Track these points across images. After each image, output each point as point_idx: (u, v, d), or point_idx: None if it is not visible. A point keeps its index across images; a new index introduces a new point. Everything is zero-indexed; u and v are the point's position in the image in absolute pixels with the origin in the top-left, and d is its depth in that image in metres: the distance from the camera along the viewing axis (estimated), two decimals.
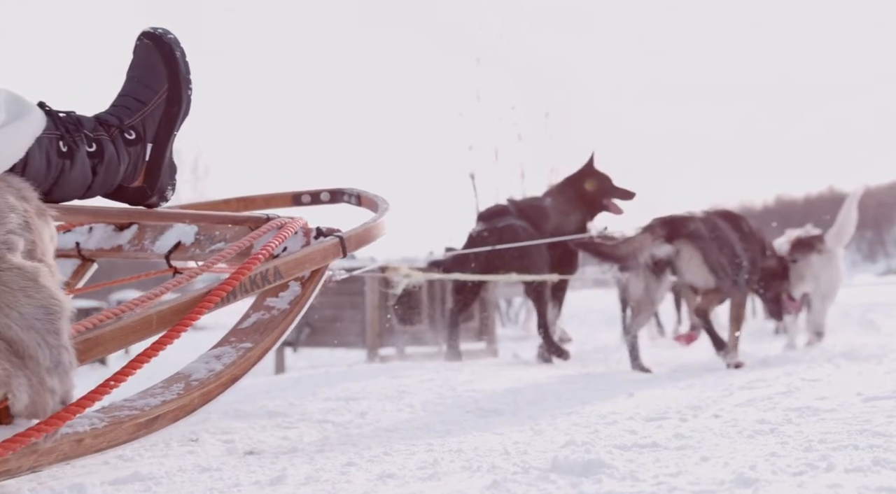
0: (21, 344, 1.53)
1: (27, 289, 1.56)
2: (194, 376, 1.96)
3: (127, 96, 2.10)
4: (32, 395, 1.54)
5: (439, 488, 1.61)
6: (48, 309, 1.56)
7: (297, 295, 2.22)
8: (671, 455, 1.86)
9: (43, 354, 1.54)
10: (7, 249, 1.58)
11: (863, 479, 1.53)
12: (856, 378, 3.44)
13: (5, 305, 1.52)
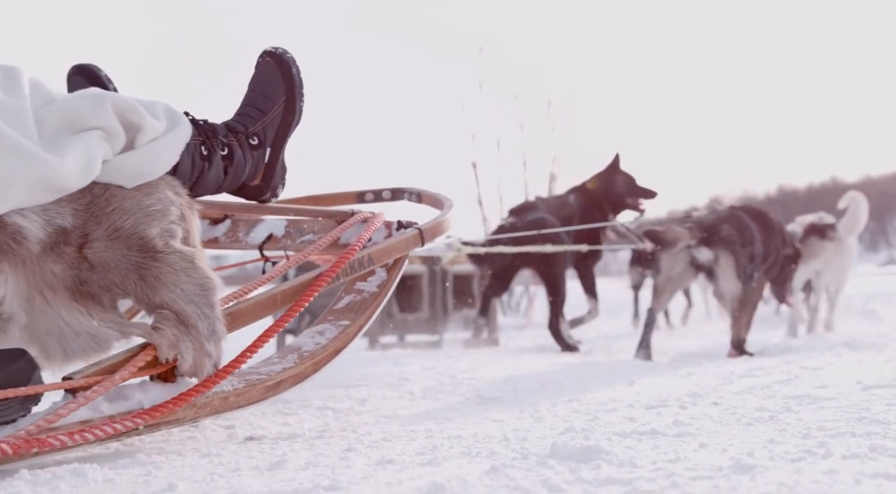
0: (185, 315, 1.92)
1: (187, 270, 1.94)
2: (304, 348, 2.32)
3: (250, 106, 2.40)
4: (195, 357, 1.93)
5: (438, 473, 1.61)
6: (204, 286, 1.95)
7: (383, 280, 2.55)
8: (670, 441, 1.87)
9: (202, 324, 1.93)
10: (170, 237, 1.95)
11: (859, 466, 1.53)
12: (856, 366, 3.45)
13: (170, 283, 1.91)
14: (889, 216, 54.65)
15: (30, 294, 1.83)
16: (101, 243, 1.89)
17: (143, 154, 2.00)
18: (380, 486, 1.52)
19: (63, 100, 1.95)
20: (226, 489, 1.53)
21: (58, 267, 1.84)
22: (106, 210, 1.92)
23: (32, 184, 1.79)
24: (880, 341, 4.76)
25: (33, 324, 1.85)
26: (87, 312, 1.87)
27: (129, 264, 1.90)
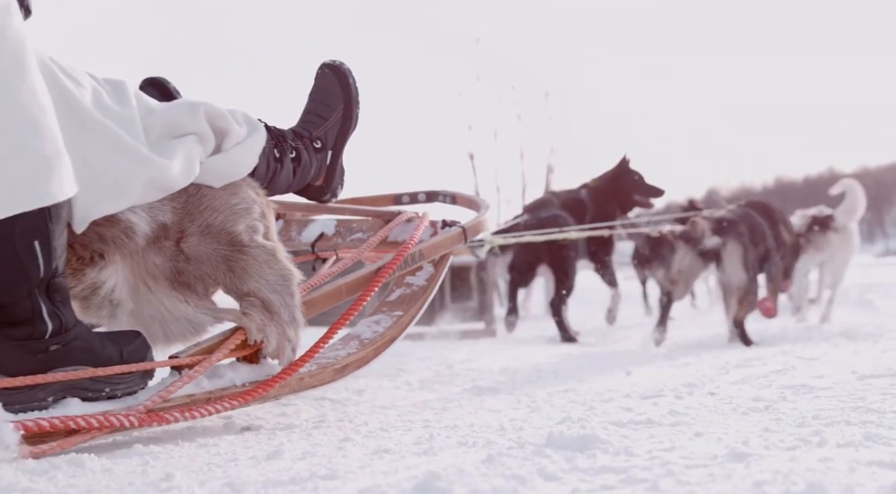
0: (269, 302, 2.14)
1: (269, 262, 2.16)
2: (363, 336, 2.54)
3: (311, 113, 2.58)
4: (278, 341, 2.14)
5: (435, 462, 1.62)
6: (285, 277, 2.17)
7: (431, 274, 2.78)
8: (665, 431, 1.88)
9: (284, 311, 2.15)
10: (254, 232, 2.17)
11: (854, 454, 1.54)
12: (852, 356, 3.46)
13: (255, 274, 2.13)
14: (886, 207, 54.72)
15: (135, 283, 2.08)
16: (195, 238, 2.11)
17: (229, 157, 2.20)
18: (376, 475, 1.52)
19: (162, 109, 2.13)
20: (223, 478, 1.54)
21: (159, 259, 2.08)
22: (199, 208, 2.13)
23: (146, 185, 2.00)
24: (876, 331, 4.78)
25: (138, 310, 2.10)
26: (185, 299, 2.11)
27: (218, 257, 2.13)
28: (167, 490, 1.47)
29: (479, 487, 1.37)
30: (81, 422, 1.79)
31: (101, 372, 1.90)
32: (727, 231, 4.73)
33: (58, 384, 1.86)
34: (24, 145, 1.75)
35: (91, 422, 1.80)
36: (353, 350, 2.47)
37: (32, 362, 1.84)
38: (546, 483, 1.41)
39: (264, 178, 2.35)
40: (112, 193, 1.95)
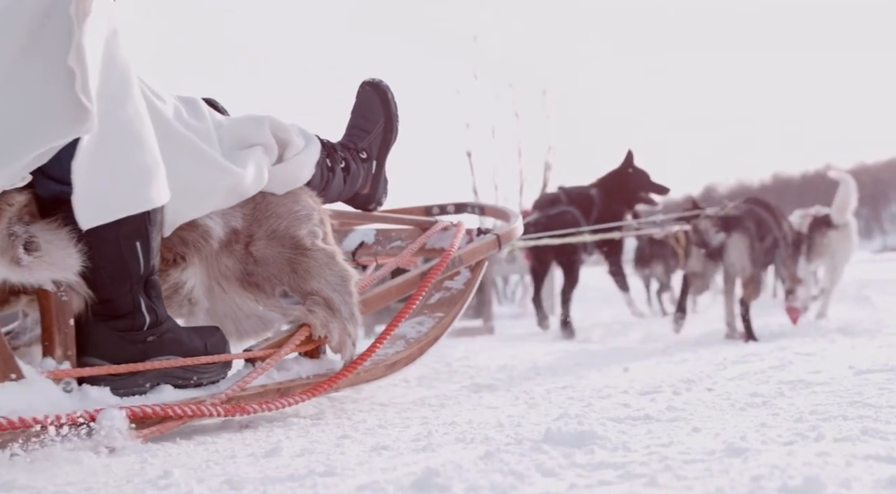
0: (331, 301, 2.32)
1: (329, 264, 2.35)
2: (409, 336, 2.72)
3: (355, 127, 2.76)
4: (340, 336, 2.33)
5: (433, 459, 1.62)
6: (344, 277, 2.36)
7: (468, 278, 2.96)
8: (663, 426, 1.88)
9: (344, 309, 2.34)
10: (315, 237, 2.37)
11: (851, 448, 1.54)
12: (849, 352, 3.46)
13: (317, 275, 2.32)
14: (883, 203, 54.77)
15: (210, 283, 2.26)
16: (263, 242, 2.31)
17: (290, 166, 2.39)
18: (374, 472, 1.53)
19: (231, 122, 2.32)
20: (221, 475, 1.54)
21: (230, 262, 2.27)
22: (265, 214, 2.33)
23: (226, 192, 2.20)
24: (874, 327, 4.78)
25: (213, 308, 2.30)
26: (254, 298, 2.30)
27: (283, 259, 2.32)
28: (165, 487, 1.47)
29: (478, 483, 1.37)
30: (178, 410, 1.95)
31: (190, 362, 2.08)
32: (732, 225, 4.85)
33: (154, 371, 2.03)
34: (129, 157, 1.92)
35: (185, 411, 1.96)
36: (401, 348, 2.66)
37: (133, 351, 2.02)
38: (544, 479, 1.41)
39: (319, 187, 2.53)
40: (196, 200, 2.14)
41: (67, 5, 1.76)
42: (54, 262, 1.87)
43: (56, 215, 1.90)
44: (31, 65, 1.78)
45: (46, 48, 1.78)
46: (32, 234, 1.85)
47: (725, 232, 4.87)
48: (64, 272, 1.90)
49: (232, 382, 2.14)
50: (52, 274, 1.89)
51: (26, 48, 1.78)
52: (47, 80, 1.78)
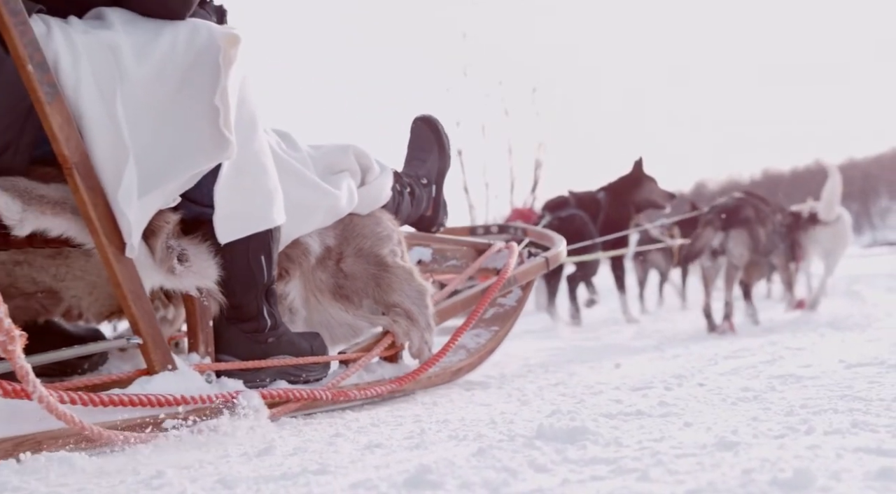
0: (411, 312, 2.66)
1: (408, 279, 2.68)
2: (469, 346, 3.07)
3: (413, 158, 3.09)
4: (419, 344, 2.68)
5: (426, 456, 1.62)
6: (421, 292, 2.69)
7: (519, 296, 3.32)
8: (655, 422, 1.89)
9: (422, 319, 2.68)
10: (395, 255, 2.69)
11: (841, 440, 1.55)
12: (839, 346, 3.48)
13: (398, 289, 2.65)
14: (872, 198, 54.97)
15: (307, 295, 2.58)
16: (351, 259, 2.63)
17: (371, 189, 2.69)
18: (368, 469, 1.53)
19: (321, 150, 2.60)
20: (214, 475, 1.54)
21: (324, 276, 2.59)
22: (353, 234, 2.64)
23: (325, 212, 2.51)
24: (864, 322, 4.80)
25: (310, 317, 2.59)
26: (344, 309, 2.61)
27: (368, 274, 2.64)
28: (159, 487, 1.47)
29: (471, 479, 1.38)
30: (297, 394, 2.24)
31: (302, 361, 2.37)
32: (730, 222, 5.02)
33: (273, 368, 2.32)
34: (257, 183, 2.22)
35: (303, 394, 2.25)
36: (463, 357, 3.00)
37: (257, 350, 2.31)
38: (536, 475, 1.41)
39: (392, 209, 2.83)
40: (303, 219, 2.45)
41: (216, 54, 2.06)
42: (198, 272, 2.17)
43: (197, 232, 2.19)
44: (184, 102, 2.06)
45: (196, 89, 2.06)
46: (184, 248, 2.14)
47: (724, 230, 5.03)
48: (205, 280, 2.19)
49: (331, 380, 2.42)
50: (197, 281, 2.18)
51: (179, 89, 2.05)
52: (197, 116, 2.06)
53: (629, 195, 6.56)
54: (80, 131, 1.94)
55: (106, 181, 1.96)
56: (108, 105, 1.96)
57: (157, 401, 1.95)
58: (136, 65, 2.00)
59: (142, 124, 2.00)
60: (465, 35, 17.96)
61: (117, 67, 1.98)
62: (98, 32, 1.99)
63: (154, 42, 2.04)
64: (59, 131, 1.90)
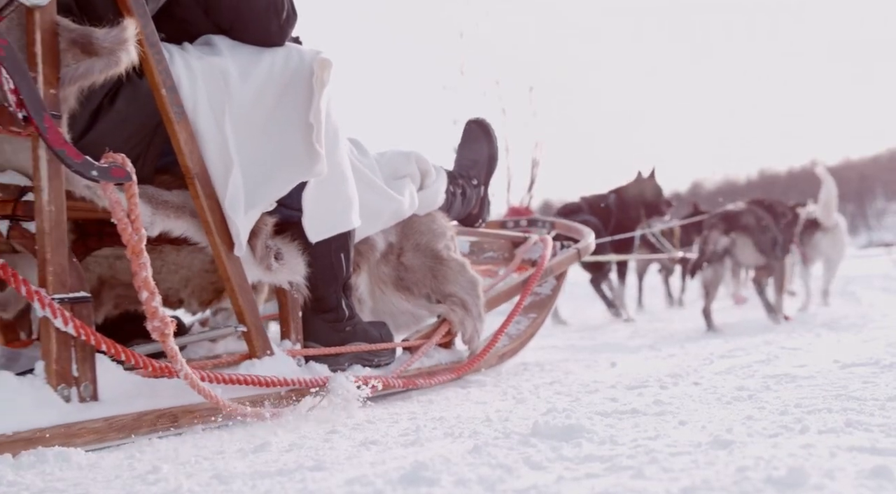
0: (465, 302, 2.91)
1: (462, 271, 2.94)
2: (510, 332, 3.30)
3: (465, 158, 3.36)
4: (472, 331, 2.92)
5: (421, 453, 1.63)
6: (473, 283, 2.95)
7: (554, 285, 3.63)
8: (650, 420, 1.89)
9: (475, 309, 2.92)
10: (449, 250, 2.96)
11: (835, 439, 1.56)
12: (834, 346, 3.49)
13: (453, 280, 2.91)
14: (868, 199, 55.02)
15: (372, 287, 2.85)
16: (410, 253, 2.90)
17: (430, 192, 2.96)
18: (363, 466, 1.53)
19: (385, 156, 2.86)
20: (210, 470, 1.54)
21: (387, 269, 2.87)
22: (412, 231, 2.91)
23: (390, 214, 2.78)
24: (859, 322, 4.82)
25: (375, 306, 2.87)
26: (405, 299, 2.88)
27: (426, 267, 2.90)
28: (154, 482, 1.47)
29: (466, 476, 1.38)
30: (375, 382, 2.37)
31: (374, 348, 2.63)
32: (735, 227, 5.26)
33: (350, 354, 2.57)
34: (340, 190, 2.48)
35: (379, 384, 2.39)
36: (506, 342, 3.26)
37: (336, 338, 2.56)
38: (532, 472, 1.42)
39: (445, 208, 3.09)
40: (371, 220, 2.70)
41: (308, 76, 2.31)
42: (290, 268, 2.41)
43: (286, 233, 2.42)
44: (280, 119, 2.30)
45: (291, 107, 2.31)
46: (279, 247, 2.38)
47: (727, 236, 5.26)
48: (295, 275, 2.43)
49: (399, 364, 2.65)
50: (289, 276, 2.42)
51: (276, 107, 2.30)
52: (292, 131, 2.31)
53: (639, 200, 6.95)
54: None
55: (218, 189, 2.22)
56: (218, 122, 2.21)
57: (272, 382, 2.19)
58: (241, 86, 2.25)
59: (245, 139, 2.25)
60: (462, 34, 17.94)
61: (226, 89, 2.23)
62: (210, 58, 2.25)
63: (255, 65, 2.29)
64: (185, 146, 2.15)
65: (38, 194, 1.89)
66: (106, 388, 1.92)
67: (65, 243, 1.91)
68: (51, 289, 1.86)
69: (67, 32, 1.90)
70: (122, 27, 1.93)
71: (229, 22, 2.34)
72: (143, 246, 1.88)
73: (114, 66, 1.91)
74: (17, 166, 2.03)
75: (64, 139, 1.82)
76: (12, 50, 1.76)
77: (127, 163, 1.90)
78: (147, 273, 1.88)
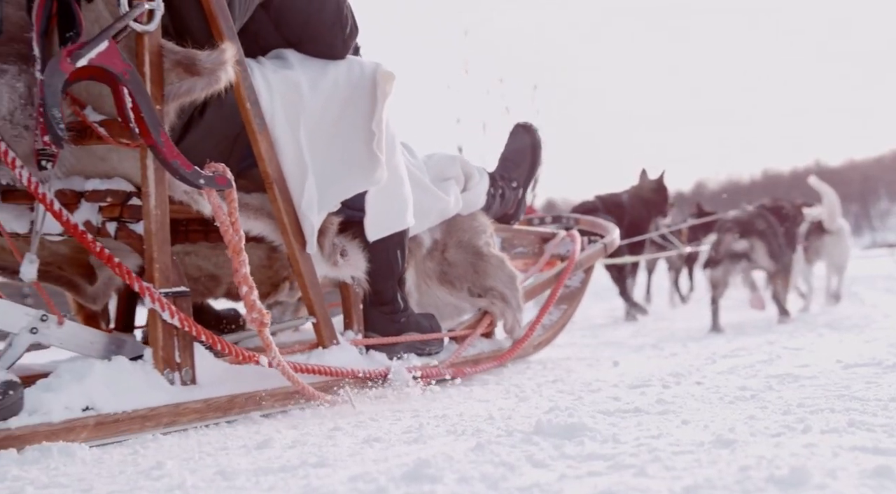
0: (505, 295, 3.11)
1: (501, 266, 3.14)
2: (544, 323, 3.46)
3: (508, 160, 3.56)
4: (512, 322, 3.14)
5: (424, 450, 1.63)
6: (512, 277, 3.15)
7: (582, 278, 3.84)
8: (653, 419, 1.89)
9: (514, 301, 3.13)
10: (489, 246, 3.16)
11: (837, 439, 1.56)
12: (837, 346, 3.49)
13: (493, 275, 3.11)
14: (872, 199, 54.95)
15: (418, 281, 3.05)
16: (453, 250, 3.10)
17: (473, 194, 3.17)
18: (366, 462, 1.53)
19: (433, 159, 3.09)
20: (213, 466, 1.55)
21: (431, 264, 3.08)
22: (455, 229, 3.11)
23: (438, 214, 3.00)
24: (861, 322, 4.81)
25: (421, 299, 3.07)
26: (449, 292, 3.09)
27: (468, 263, 3.10)
28: (158, 477, 1.48)
29: (469, 474, 1.38)
30: (429, 371, 2.61)
31: (427, 337, 2.84)
32: (751, 233, 5.41)
33: (405, 343, 2.76)
34: (397, 191, 2.70)
35: (433, 372, 2.63)
36: (540, 333, 3.44)
37: (393, 328, 2.76)
38: (534, 470, 1.42)
39: (486, 208, 3.28)
40: (421, 219, 2.88)
41: (369, 87, 2.52)
42: (353, 264, 2.62)
43: (348, 231, 2.63)
44: (344, 127, 2.51)
45: (354, 116, 2.52)
46: (344, 245, 2.59)
47: (746, 238, 5.40)
48: (357, 271, 2.64)
49: (448, 354, 2.87)
50: (352, 272, 2.63)
51: (341, 116, 2.51)
52: (355, 138, 2.53)
53: (650, 201, 7.14)
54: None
55: (293, 192, 2.42)
56: (293, 131, 2.41)
57: (346, 373, 2.40)
58: (311, 97, 2.45)
59: (315, 146, 2.46)
60: (466, 32, 17.96)
61: (300, 100, 2.43)
62: (284, 71, 2.45)
63: (323, 77, 2.49)
64: (265, 154, 2.37)
65: (146, 199, 2.10)
66: (202, 373, 2.12)
67: (168, 242, 2.12)
68: (158, 285, 2.08)
69: (172, 54, 2.11)
70: (222, 50, 2.14)
71: (298, 36, 2.53)
72: (242, 245, 2.08)
73: (214, 85, 2.12)
74: (122, 173, 2.23)
75: (177, 151, 2.02)
76: (135, 73, 1.97)
77: (227, 171, 2.10)
78: (246, 269, 2.09)
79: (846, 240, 6.88)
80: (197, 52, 2.12)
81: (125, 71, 1.94)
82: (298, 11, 2.51)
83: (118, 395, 1.91)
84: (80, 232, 2.06)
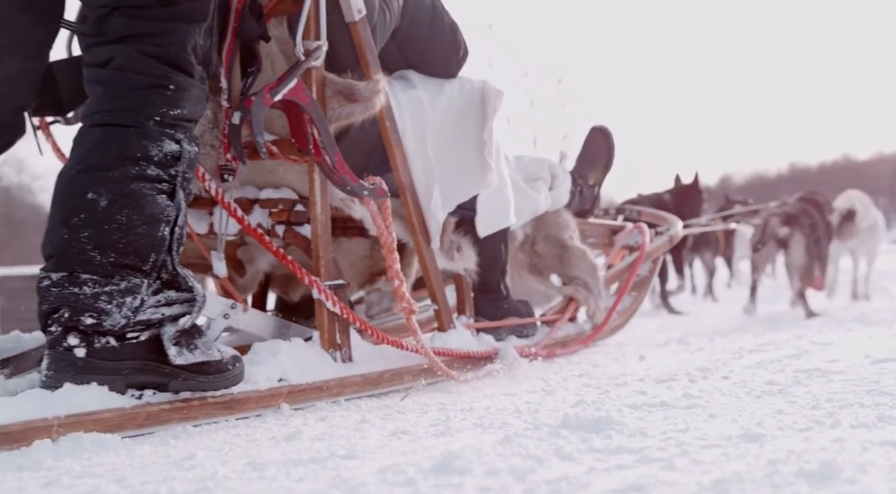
0: (588, 283, 3.48)
1: (583, 257, 3.51)
2: (618, 308, 3.78)
3: (585, 160, 3.97)
4: (594, 308, 3.52)
5: (452, 443, 1.64)
6: (593, 267, 3.52)
7: (651, 267, 4.10)
8: (680, 413, 1.89)
9: (595, 289, 3.50)
10: (572, 239, 3.52)
11: (867, 434, 1.55)
12: (866, 341, 3.46)
13: (576, 265, 3.48)
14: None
15: (511, 271, 3.37)
16: (542, 243, 3.49)
17: (558, 193, 3.47)
18: (395, 454, 1.55)
19: (522, 161, 3.39)
20: (244, 458, 1.57)
21: (523, 256, 3.48)
22: (543, 224, 3.48)
23: (530, 211, 3.31)
24: (891, 317, 4.77)
25: (514, 287, 3.37)
26: (538, 281, 3.49)
27: (554, 255, 3.49)
28: (190, 468, 1.50)
29: (497, 466, 1.39)
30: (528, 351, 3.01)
31: (525, 321, 3.21)
32: (794, 223, 5.77)
33: (507, 327, 3.13)
34: (501, 192, 3.03)
35: (532, 351, 3.04)
36: (616, 317, 3.76)
37: (497, 313, 3.13)
38: (562, 463, 1.42)
39: (567, 205, 3.60)
40: (517, 216, 3.16)
41: (479, 102, 2.90)
42: (466, 258, 2.93)
43: (460, 229, 2.93)
44: (459, 138, 2.86)
45: (467, 128, 2.88)
46: (459, 241, 2.90)
47: (789, 227, 5.71)
48: (469, 263, 2.94)
49: (541, 336, 3.24)
50: (465, 264, 2.93)
51: (455, 128, 2.85)
52: (469, 148, 2.88)
53: (690, 199, 7.49)
54: None
55: (421, 197, 2.74)
56: (420, 144, 2.72)
57: (471, 355, 2.78)
58: (432, 113, 2.76)
59: (438, 155, 2.77)
60: (490, 26, 17.93)
61: (424, 116, 2.74)
62: (410, 91, 2.76)
63: (440, 95, 2.82)
64: (400, 164, 2.69)
65: (313, 206, 2.44)
66: (355, 352, 2.46)
67: (330, 243, 2.46)
68: (323, 278, 2.41)
69: (333, 84, 2.44)
70: (376, 81, 2.49)
71: (419, 58, 2.84)
72: (395, 245, 2.43)
73: (370, 110, 2.46)
74: (288, 184, 2.60)
75: (347, 167, 2.33)
76: (316, 103, 2.30)
77: (383, 183, 2.43)
78: (398, 265, 2.43)
79: (880, 231, 7.04)
80: (356, 82, 2.45)
81: (309, 103, 2.28)
82: (420, 39, 2.83)
83: (302, 369, 2.25)
84: (258, 233, 2.44)
